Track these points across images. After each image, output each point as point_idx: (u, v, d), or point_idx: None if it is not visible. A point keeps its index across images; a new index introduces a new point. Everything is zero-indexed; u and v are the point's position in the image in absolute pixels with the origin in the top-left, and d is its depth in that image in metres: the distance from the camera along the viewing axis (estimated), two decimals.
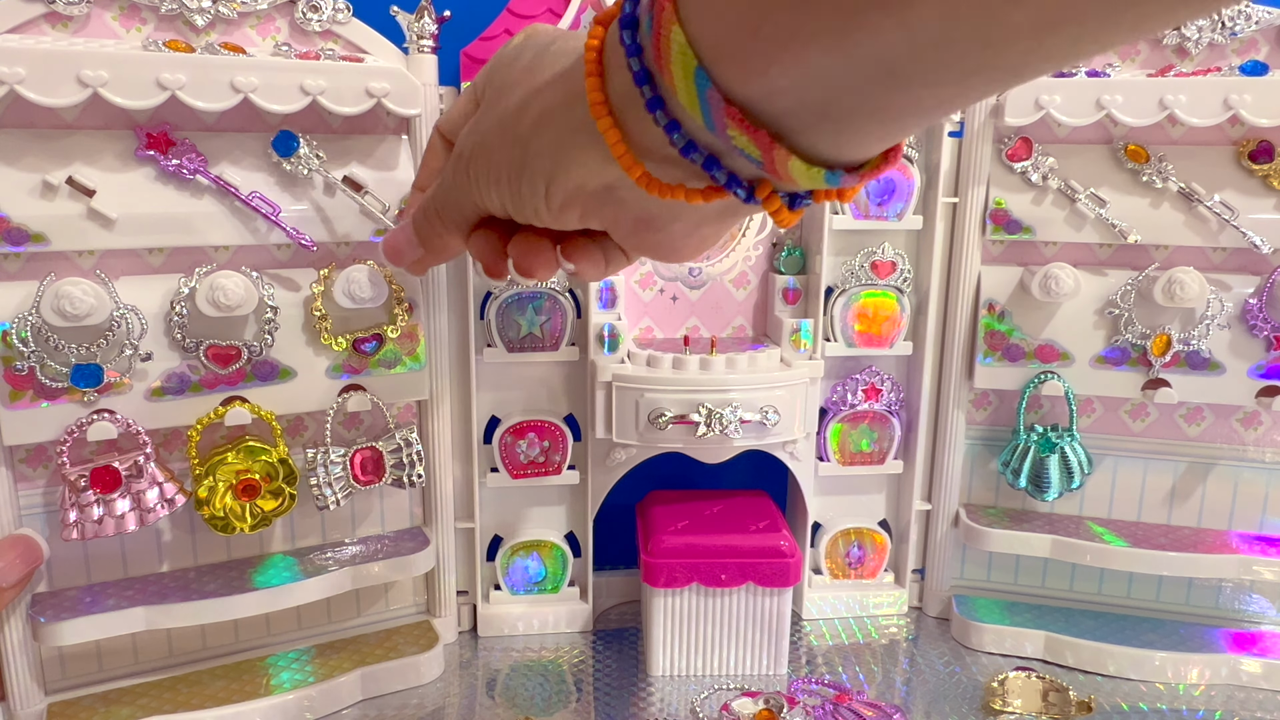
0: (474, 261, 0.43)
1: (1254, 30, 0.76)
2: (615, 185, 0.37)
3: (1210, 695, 0.77)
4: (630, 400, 0.78)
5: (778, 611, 0.78)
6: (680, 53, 0.29)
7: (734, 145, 0.30)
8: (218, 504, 0.67)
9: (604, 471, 0.84)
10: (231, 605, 0.70)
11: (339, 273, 0.69)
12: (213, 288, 0.65)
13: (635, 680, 0.79)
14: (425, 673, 0.78)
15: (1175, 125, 0.78)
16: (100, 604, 0.67)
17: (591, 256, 0.46)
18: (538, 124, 0.38)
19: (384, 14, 0.72)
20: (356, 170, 0.71)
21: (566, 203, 0.39)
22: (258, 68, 0.64)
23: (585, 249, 0.46)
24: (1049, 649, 0.82)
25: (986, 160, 0.81)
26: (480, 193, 0.43)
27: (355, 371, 0.72)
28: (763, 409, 0.77)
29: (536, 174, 0.38)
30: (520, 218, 0.43)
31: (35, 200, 0.62)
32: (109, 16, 0.64)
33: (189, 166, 0.66)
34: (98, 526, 0.64)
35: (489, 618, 0.86)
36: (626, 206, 0.39)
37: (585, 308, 0.81)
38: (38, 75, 0.58)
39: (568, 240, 0.46)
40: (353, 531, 0.79)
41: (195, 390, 0.67)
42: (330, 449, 0.71)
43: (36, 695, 0.69)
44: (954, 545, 0.89)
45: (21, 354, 0.61)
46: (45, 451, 0.67)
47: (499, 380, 0.83)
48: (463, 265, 0.78)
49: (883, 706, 0.72)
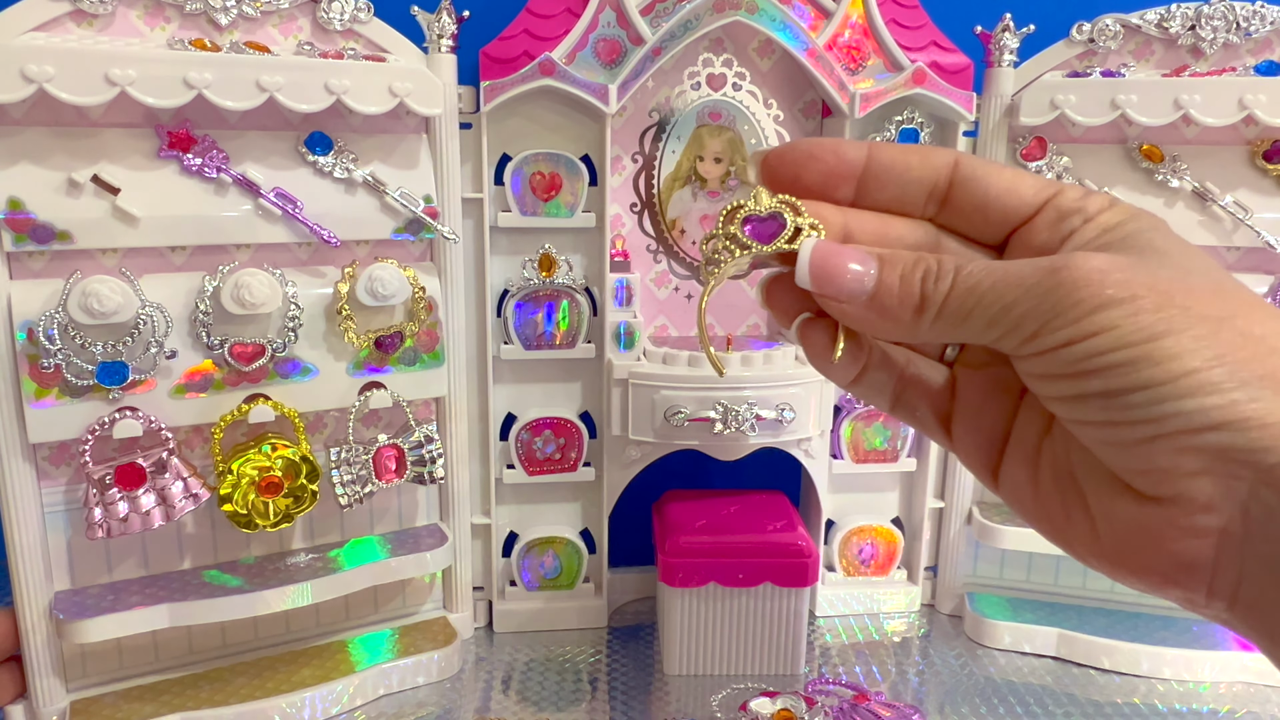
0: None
1: (1269, 31, 0.77)
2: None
3: (1221, 692, 0.78)
4: (646, 398, 0.78)
5: (795, 611, 0.78)
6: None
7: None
8: (240, 500, 0.68)
9: (619, 468, 0.84)
10: (252, 602, 0.70)
11: (362, 270, 0.70)
12: (237, 285, 0.65)
13: (651, 678, 0.80)
14: (442, 669, 0.79)
15: (1190, 125, 0.79)
16: (123, 602, 0.68)
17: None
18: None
19: (404, 13, 0.72)
20: (378, 169, 0.71)
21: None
22: (283, 67, 0.64)
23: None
24: (1061, 646, 0.83)
25: (1001, 159, 0.81)
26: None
27: (375, 369, 0.73)
28: (779, 406, 0.77)
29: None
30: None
31: (61, 198, 0.62)
32: (134, 15, 0.64)
33: (211, 165, 0.66)
34: (123, 525, 0.64)
35: (505, 614, 0.86)
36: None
37: (601, 306, 0.81)
38: (66, 74, 0.58)
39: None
40: (371, 528, 0.80)
41: (218, 388, 0.68)
42: (353, 446, 0.71)
43: (59, 692, 0.69)
44: (967, 542, 0.89)
45: (48, 351, 0.61)
46: (68, 449, 0.67)
47: (516, 377, 0.84)
48: (480, 260, 0.79)
49: (900, 707, 0.72)
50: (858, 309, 0.30)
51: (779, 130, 0.82)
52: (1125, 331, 0.25)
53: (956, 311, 0.28)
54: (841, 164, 0.31)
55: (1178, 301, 0.26)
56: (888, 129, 0.81)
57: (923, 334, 0.29)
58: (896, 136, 0.80)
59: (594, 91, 0.75)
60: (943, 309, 0.28)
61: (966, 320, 0.28)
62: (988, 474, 0.32)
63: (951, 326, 0.29)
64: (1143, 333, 0.25)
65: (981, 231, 0.31)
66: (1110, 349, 0.26)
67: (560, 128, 0.79)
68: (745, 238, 0.31)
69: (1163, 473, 0.26)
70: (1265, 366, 0.25)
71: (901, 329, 0.29)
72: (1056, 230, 0.30)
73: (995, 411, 0.32)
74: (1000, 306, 0.27)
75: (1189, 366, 0.25)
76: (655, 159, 0.82)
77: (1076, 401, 0.27)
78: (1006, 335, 0.27)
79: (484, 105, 0.75)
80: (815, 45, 0.76)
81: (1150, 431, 0.25)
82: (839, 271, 0.29)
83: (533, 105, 0.78)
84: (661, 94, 0.81)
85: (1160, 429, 0.25)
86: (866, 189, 0.32)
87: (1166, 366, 0.25)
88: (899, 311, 0.29)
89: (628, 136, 0.82)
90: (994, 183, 0.31)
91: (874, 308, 0.29)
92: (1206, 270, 0.28)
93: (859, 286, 0.29)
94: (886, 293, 0.29)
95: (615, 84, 0.74)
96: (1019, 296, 0.27)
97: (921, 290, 0.29)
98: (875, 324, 0.30)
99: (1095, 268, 0.26)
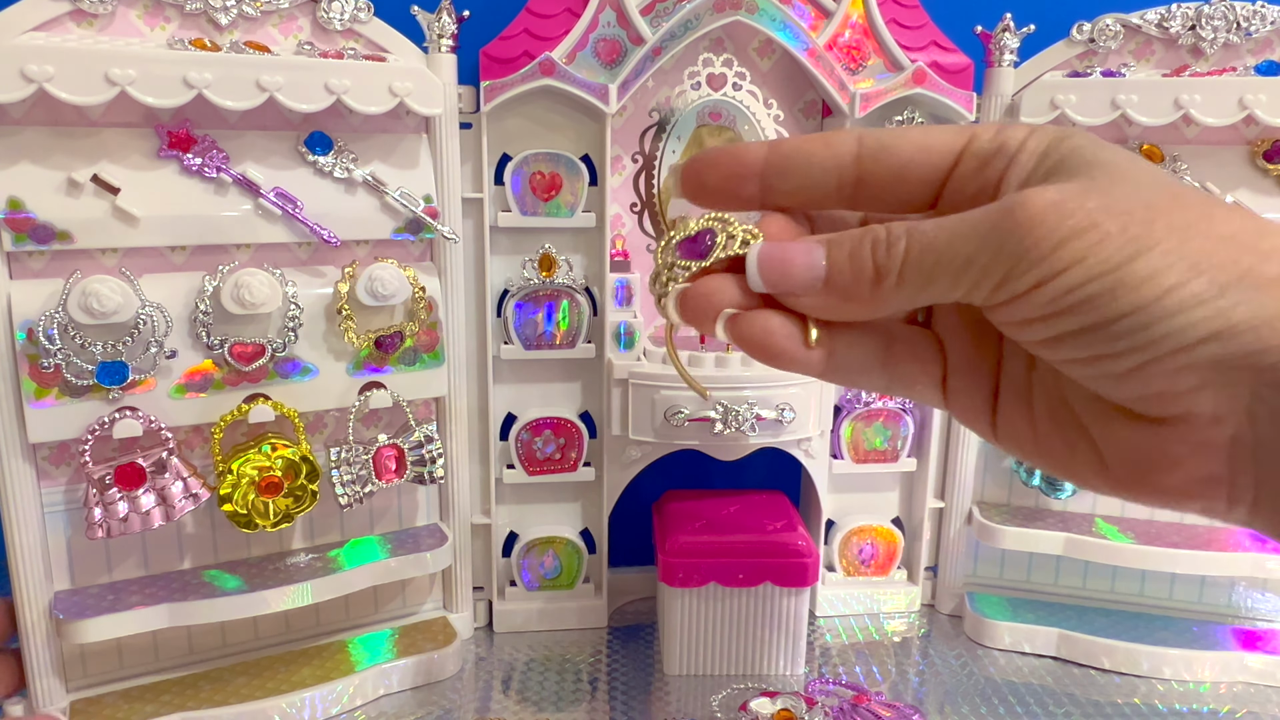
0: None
1: (1269, 30, 0.77)
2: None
3: (1221, 692, 0.78)
4: (646, 398, 0.78)
5: (795, 611, 0.78)
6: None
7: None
8: (240, 500, 0.68)
9: (619, 468, 0.84)
10: (252, 602, 0.70)
11: (362, 270, 0.70)
12: (237, 285, 0.65)
13: (651, 678, 0.80)
14: (442, 669, 0.79)
15: (1190, 125, 0.79)
16: (123, 602, 0.67)
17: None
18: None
19: (404, 13, 0.72)
20: (378, 169, 0.71)
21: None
22: (283, 67, 0.64)
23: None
24: (1061, 646, 0.83)
25: None
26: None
27: (375, 369, 0.73)
28: (779, 406, 0.77)
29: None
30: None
31: (61, 198, 0.62)
32: (134, 14, 0.64)
33: (211, 164, 0.66)
34: (123, 524, 0.64)
35: (505, 614, 0.86)
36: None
37: (601, 306, 0.81)
38: (66, 74, 0.58)
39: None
40: (371, 528, 0.80)
41: (218, 388, 0.68)
42: (353, 446, 0.71)
43: (59, 692, 0.69)
44: (967, 543, 0.89)
45: (48, 351, 0.61)
46: (68, 449, 0.67)
47: (516, 377, 0.84)
48: (480, 260, 0.79)
49: (901, 707, 0.72)
50: (816, 298, 0.29)
51: (779, 130, 0.82)
52: (1094, 262, 0.25)
53: (916, 274, 0.28)
54: (738, 164, 0.32)
55: (1139, 218, 0.25)
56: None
57: (889, 304, 0.29)
58: None
59: (594, 91, 0.75)
60: (902, 274, 0.28)
61: (930, 281, 0.28)
62: (987, 426, 0.32)
63: (916, 290, 0.28)
64: (1112, 259, 0.25)
65: (907, 202, 0.31)
66: (1082, 283, 0.25)
67: (560, 128, 0.79)
68: (684, 261, 0.32)
69: (1162, 395, 0.25)
70: (1241, 266, 0.24)
71: (865, 305, 0.29)
72: (983, 176, 0.29)
73: (981, 361, 0.31)
74: (962, 260, 0.27)
75: (1167, 284, 0.24)
76: (655, 159, 0.82)
77: (1058, 342, 0.26)
78: (974, 288, 0.27)
79: (484, 105, 0.75)
80: (815, 45, 0.76)
81: (1141, 358, 0.25)
82: (788, 264, 0.29)
83: (533, 105, 0.78)
84: (661, 94, 0.81)
85: (1151, 354, 0.25)
86: (773, 184, 0.31)
87: (1144, 290, 0.24)
88: (856, 288, 0.29)
89: (628, 136, 0.82)
90: (903, 147, 0.30)
91: (832, 291, 0.29)
92: (1156, 178, 0.27)
93: (811, 274, 0.29)
94: (838, 273, 0.29)
95: (615, 84, 0.74)
96: (977, 247, 0.26)
97: (874, 262, 0.28)
98: (839, 308, 0.29)
99: (1049, 202, 0.25)
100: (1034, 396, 0.30)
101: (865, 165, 0.30)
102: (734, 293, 0.31)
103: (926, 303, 0.30)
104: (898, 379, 0.32)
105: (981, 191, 0.29)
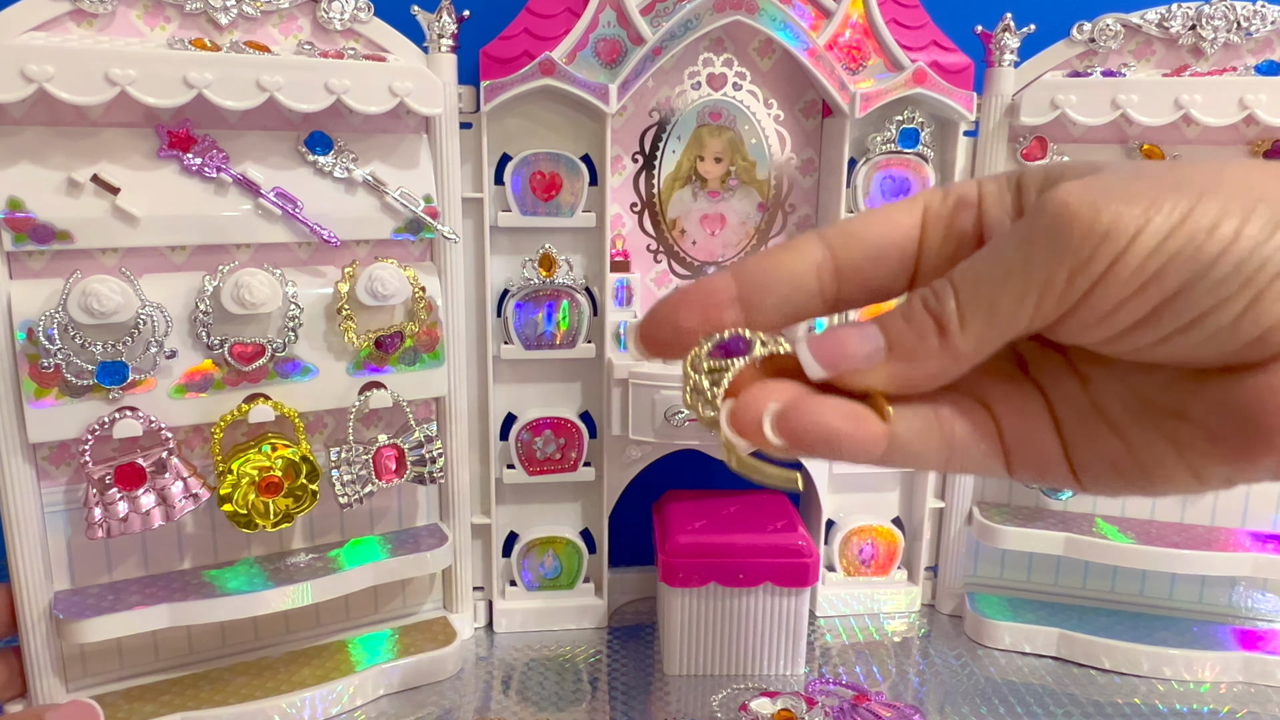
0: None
1: (1270, 30, 0.77)
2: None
3: (1221, 692, 0.78)
4: (646, 398, 0.78)
5: (795, 611, 0.78)
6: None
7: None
8: (240, 500, 0.68)
9: (619, 468, 0.84)
10: (252, 603, 0.70)
11: (362, 270, 0.70)
12: (237, 285, 0.65)
13: (651, 678, 0.80)
14: (442, 669, 0.79)
15: (1190, 125, 0.79)
16: (123, 602, 0.67)
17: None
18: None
19: (404, 13, 0.72)
20: (378, 169, 0.71)
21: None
22: (283, 66, 0.64)
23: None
24: (1062, 646, 0.82)
25: (1001, 160, 0.81)
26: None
27: (375, 369, 0.73)
28: None
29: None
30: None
31: (61, 198, 0.62)
32: (133, 14, 0.64)
33: (211, 164, 0.66)
34: (123, 524, 0.65)
35: (505, 613, 0.86)
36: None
37: (601, 306, 0.81)
38: (66, 74, 0.58)
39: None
40: (371, 528, 0.80)
41: (218, 388, 0.68)
42: (353, 446, 0.71)
43: (59, 692, 0.69)
44: (967, 543, 0.89)
45: (48, 351, 0.61)
46: (68, 449, 0.67)
47: (516, 377, 0.84)
48: (480, 259, 0.79)
49: (901, 707, 0.72)
50: (883, 369, 0.28)
51: (779, 130, 0.82)
52: (1160, 222, 0.24)
53: (976, 307, 0.27)
54: (710, 293, 0.30)
55: (1169, 182, 0.25)
56: (888, 128, 0.81)
57: (960, 353, 0.27)
58: (897, 136, 0.80)
59: (594, 91, 0.75)
60: (962, 315, 0.27)
61: (993, 309, 0.26)
62: (1065, 471, 0.30)
63: (984, 326, 0.27)
64: (1172, 217, 0.24)
65: (889, 285, 0.30)
66: (1157, 245, 0.24)
67: (560, 127, 0.79)
68: (724, 361, 0.29)
69: (1276, 328, 0.24)
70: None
71: (937, 361, 0.28)
72: (957, 232, 0.29)
73: (1029, 402, 0.30)
74: (1019, 274, 0.26)
75: (1235, 224, 0.24)
76: (655, 159, 0.82)
77: (1154, 319, 0.25)
78: (1042, 299, 0.26)
79: (484, 105, 0.75)
80: (816, 45, 0.76)
81: (1249, 294, 0.24)
82: (844, 343, 0.28)
83: (533, 105, 0.78)
84: (662, 94, 0.81)
85: (1256, 287, 0.24)
86: (754, 301, 0.30)
87: (1216, 235, 0.24)
88: (923, 346, 0.28)
89: (628, 136, 0.82)
90: (869, 227, 0.30)
91: (899, 356, 0.28)
92: (1149, 162, 0.27)
93: (872, 345, 0.28)
94: (900, 338, 0.28)
95: (615, 84, 0.74)
96: (1026, 256, 0.26)
97: (932, 315, 0.27)
98: (910, 373, 0.28)
99: (1075, 193, 0.25)
100: (1106, 411, 0.29)
101: (839, 255, 0.30)
102: (783, 390, 0.29)
103: (998, 339, 0.28)
104: (956, 450, 0.30)
105: (961, 247, 0.29)
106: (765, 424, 0.28)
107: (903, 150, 0.81)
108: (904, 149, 0.81)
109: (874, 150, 0.81)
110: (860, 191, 0.82)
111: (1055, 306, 0.26)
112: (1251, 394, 0.26)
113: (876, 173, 0.82)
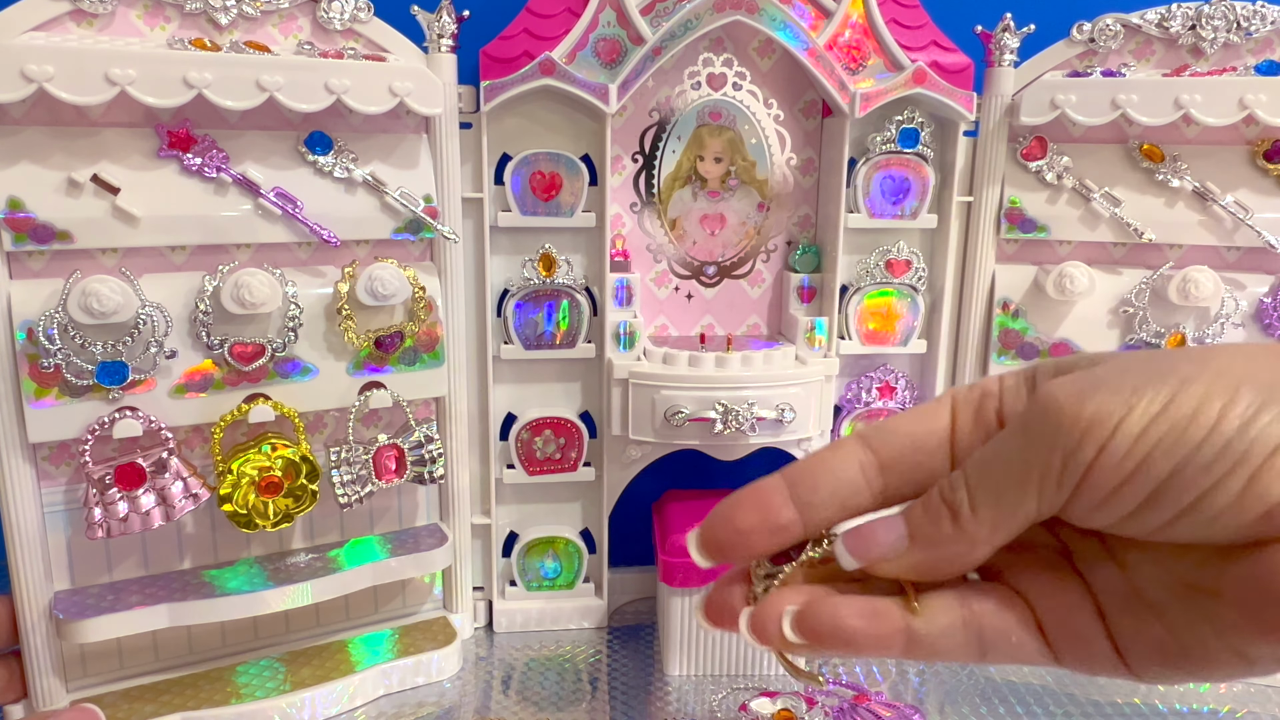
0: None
1: (1269, 30, 0.77)
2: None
3: (1221, 692, 0.78)
4: (646, 398, 0.78)
5: None
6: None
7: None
8: (240, 500, 0.68)
9: (619, 468, 0.84)
10: (252, 603, 0.70)
11: (362, 270, 0.70)
12: (237, 285, 0.65)
13: (651, 678, 0.80)
14: (442, 668, 0.79)
15: (1190, 125, 0.79)
16: (123, 602, 0.68)
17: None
18: None
19: (404, 13, 0.72)
20: (378, 169, 0.71)
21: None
22: (283, 66, 0.64)
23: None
24: None
25: (1001, 159, 0.81)
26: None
27: (375, 369, 0.73)
28: (779, 406, 0.77)
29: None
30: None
31: (61, 198, 0.62)
32: (133, 14, 0.64)
33: (211, 164, 0.66)
34: (123, 524, 0.64)
35: (505, 613, 0.86)
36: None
37: (601, 306, 0.81)
38: (66, 74, 0.58)
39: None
40: (371, 528, 0.80)
41: (218, 388, 0.68)
42: (353, 446, 0.71)
43: (59, 692, 0.69)
44: None
45: (48, 351, 0.61)
46: (68, 449, 0.67)
47: (516, 377, 0.84)
48: (480, 259, 0.79)
49: (901, 707, 0.72)
50: (905, 557, 0.30)
51: (779, 130, 0.82)
52: (1133, 421, 0.25)
53: (985, 494, 0.28)
54: (765, 494, 0.31)
55: (1155, 369, 0.26)
56: (888, 128, 0.81)
57: (976, 539, 0.29)
58: (897, 136, 0.80)
59: (594, 91, 0.75)
60: (973, 501, 0.29)
61: (1000, 497, 0.28)
62: (1112, 659, 0.30)
63: (994, 512, 0.28)
64: (1149, 410, 0.25)
65: (933, 472, 0.31)
66: (1143, 429, 0.25)
67: (560, 127, 0.79)
68: (778, 568, 0.32)
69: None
70: (1271, 374, 0.25)
71: (953, 547, 0.29)
72: (984, 419, 0.31)
73: (1069, 591, 0.31)
74: (1017, 464, 0.28)
75: (1218, 406, 0.25)
76: (655, 159, 0.82)
77: (1152, 505, 0.26)
78: (1043, 486, 0.27)
79: (484, 105, 0.75)
80: (815, 45, 0.76)
81: (1244, 475, 0.25)
82: (872, 535, 0.30)
83: (533, 105, 0.78)
84: (661, 94, 0.81)
85: (1250, 466, 0.24)
86: (807, 500, 0.31)
87: (1200, 419, 0.25)
88: (938, 532, 0.29)
89: (628, 136, 0.82)
90: (903, 423, 0.32)
91: (919, 545, 0.30)
92: (1138, 354, 0.29)
93: (895, 535, 0.30)
94: (918, 525, 0.30)
95: (615, 84, 0.74)
96: (1022, 445, 0.28)
97: (947, 503, 0.29)
98: (931, 559, 0.30)
99: (1064, 384, 0.27)
100: (1146, 595, 0.29)
101: (879, 450, 0.31)
102: (802, 592, 0.31)
103: (1013, 527, 0.29)
104: (989, 642, 0.30)
105: (988, 435, 0.30)
106: (785, 624, 0.30)
107: (903, 150, 0.81)
108: (904, 149, 0.81)
109: (874, 150, 0.81)
110: (860, 191, 0.82)
111: (1056, 492, 0.27)
112: (1275, 568, 0.26)
113: (876, 173, 0.82)
